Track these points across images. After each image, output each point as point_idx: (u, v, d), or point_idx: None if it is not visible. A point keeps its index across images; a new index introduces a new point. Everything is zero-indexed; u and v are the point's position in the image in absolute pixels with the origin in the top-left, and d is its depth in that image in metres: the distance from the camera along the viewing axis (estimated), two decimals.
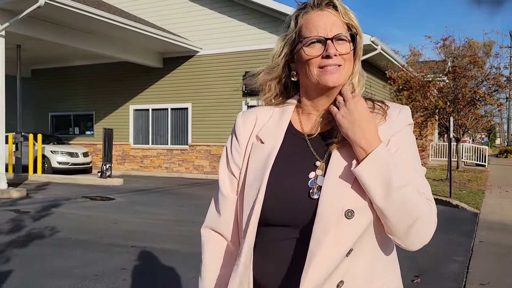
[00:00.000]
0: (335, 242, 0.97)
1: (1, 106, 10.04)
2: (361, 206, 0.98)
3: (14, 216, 7.11)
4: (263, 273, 1.06)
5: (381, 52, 12.91)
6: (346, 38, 1.03)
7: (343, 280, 0.98)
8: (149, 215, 7.47)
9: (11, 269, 4.31)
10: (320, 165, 1.03)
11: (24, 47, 13.91)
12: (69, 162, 14.63)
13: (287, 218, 1.02)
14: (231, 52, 14.21)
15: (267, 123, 1.12)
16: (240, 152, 1.13)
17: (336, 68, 1.01)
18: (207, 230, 1.18)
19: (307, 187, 1.01)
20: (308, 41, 1.02)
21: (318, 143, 1.07)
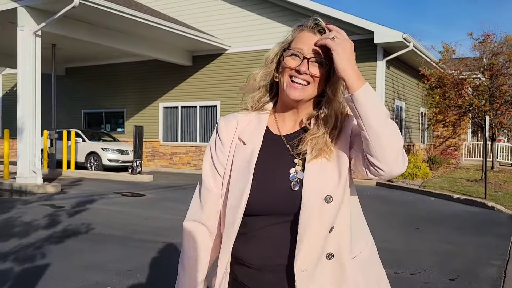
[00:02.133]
0: (319, 223, 1.14)
1: (38, 103, 10.35)
2: (337, 190, 1.16)
3: (51, 211, 7.33)
4: (254, 256, 1.20)
5: (413, 49, 12.63)
6: (321, 63, 1.16)
7: (332, 252, 1.16)
8: (178, 211, 7.55)
9: (50, 263, 4.44)
10: (298, 162, 1.19)
11: (59, 46, 14.31)
12: (119, 160, 14.67)
13: (271, 208, 1.17)
14: (259, 50, 14.18)
15: (247, 126, 1.27)
16: (224, 152, 1.26)
17: (302, 86, 1.16)
18: (190, 223, 1.29)
19: (288, 180, 1.18)
20: (291, 52, 1.18)
21: (294, 143, 1.22)
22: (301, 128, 1.25)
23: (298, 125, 1.26)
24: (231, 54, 14.96)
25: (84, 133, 15.52)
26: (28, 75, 10.18)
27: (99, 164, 14.64)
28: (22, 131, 10.24)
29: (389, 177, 1.12)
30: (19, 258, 4.58)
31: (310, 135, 1.20)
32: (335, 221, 1.17)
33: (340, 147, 1.20)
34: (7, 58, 15.98)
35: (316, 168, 1.17)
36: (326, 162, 1.18)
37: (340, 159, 1.19)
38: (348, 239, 1.19)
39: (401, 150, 1.10)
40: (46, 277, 4.01)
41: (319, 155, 1.18)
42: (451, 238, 5.87)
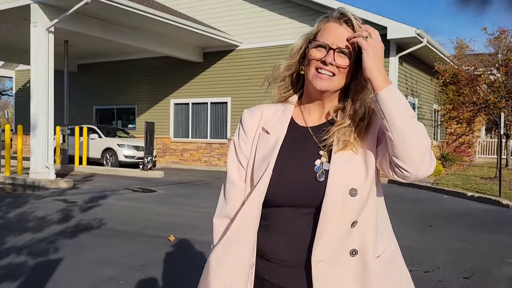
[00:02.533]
0: (341, 216, 1.12)
1: (50, 99, 10.44)
2: (362, 184, 1.14)
3: (63, 206, 7.39)
4: (272, 247, 1.19)
5: (427, 45, 12.48)
6: (347, 53, 1.14)
7: (356, 249, 1.14)
8: (190, 207, 7.58)
9: (63, 257, 4.47)
10: (323, 154, 1.18)
11: (71, 43, 14.41)
12: (135, 156, 14.54)
13: (294, 199, 1.15)
14: (271, 46, 14.14)
15: (272, 117, 1.27)
16: (247, 143, 1.26)
17: (328, 76, 1.15)
18: (218, 219, 1.30)
19: (313, 172, 1.16)
20: (316, 43, 1.17)
21: (320, 134, 1.21)
22: (328, 120, 1.23)
23: (324, 117, 1.24)
24: (242, 51, 14.92)
25: (100, 129, 15.49)
26: (41, 71, 10.26)
27: (115, 160, 14.60)
28: (35, 127, 10.34)
29: (415, 179, 1.10)
30: (32, 252, 4.62)
31: (337, 126, 1.18)
32: (359, 216, 1.15)
33: (368, 142, 1.18)
34: (20, 55, 16.14)
35: (343, 160, 1.15)
36: (352, 154, 1.16)
37: (367, 154, 1.17)
38: (373, 237, 1.17)
39: (427, 151, 1.08)
40: (60, 271, 4.04)
41: (346, 146, 1.16)
42: (465, 236, 5.79)
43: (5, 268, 4.08)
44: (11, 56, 16.61)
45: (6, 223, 5.98)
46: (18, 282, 3.72)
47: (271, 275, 1.20)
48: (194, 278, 3.95)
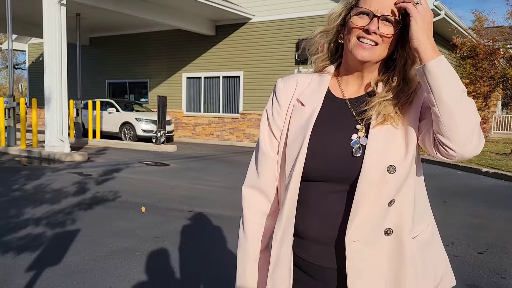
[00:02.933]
0: (378, 194, 1.07)
1: (64, 73, 10.46)
2: (402, 161, 1.08)
3: (79, 179, 7.50)
4: (306, 225, 1.15)
5: (445, 18, 12.15)
6: (392, 22, 1.07)
7: (391, 228, 1.09)
8: (203, 181, 7.63)
9: (80, 228, 4.56)
10: (361, 128, 1.12)
11: (83, 16, 14.33)
12: (153, 130, 14.13)
13: (330, 174, 1.11)
14: (284, 19, 13.91)
15: (307, 88, 1.20)
16: (281, 114, 1.21)
17: (371, 46, 1.08)
18: (248, 188, 1.27)
19: (349, 146, 1.10)
20: (358, 11, 1.09)
21: (357, 107, 1.14)
22: (366, 93, 1.17)
23: (363, 90, 1.17)
24: (255, 24, 14.70)
25: (118, 103, 15.30)
26: (54, 45, 10.25)
27: (133, 135, 14.43)
28: (50, 101, 10.41)
29: (461, 159, 1.04)
30: (50, 223, 4.71)
31: (378, 99, 1.11)
32: (397, 195, 1.09)
33: (410, 116, 1.10)
34: (33, 28, 16.12)
35: (381, 135, 1.09)
36: (392, 130, 1.09)
37: (408, 129, 1.10)
38: (410, 216, 1.11)
39: (476, 129, 1.01)
40: (78, 242, 4.12)
41: (385, 121, 1.10)
42: (479, 212, 5.76)
43: (24, 239, 4.17)
44: (24, 29, 16.59)
45: (24, 195, 6.10)
46: (37, 252, 3.81)
47: (305, 252, 1.17)
48: (208, 251, 4.01)
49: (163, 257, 3.80)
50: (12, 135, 11.41)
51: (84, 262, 3.61)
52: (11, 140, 11.39)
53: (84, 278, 3.30)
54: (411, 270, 1.10)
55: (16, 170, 8.33)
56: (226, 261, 3.73)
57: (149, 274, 3.43)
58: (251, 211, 1.27)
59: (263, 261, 1.27)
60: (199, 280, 3.34)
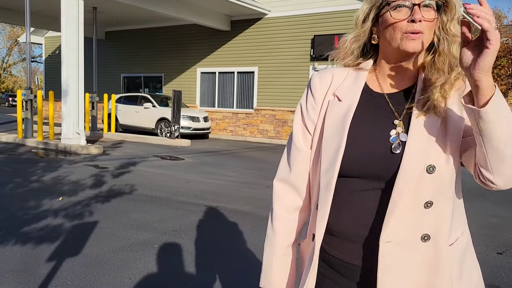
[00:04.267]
0: (415, 195, 1.03)
1: (81, 66, 10.55)
2: (442, 162, 1.03)
3: (95, 172, 7.57)
4: (338, 222, 1.12)
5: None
6: (431, 6, 1.04)
7: (429, 234, 1.05)
8: (217, 176, 7.65)
9: (98, 220, 4.61)
10: (399, 123, 1.08)
11: (99, 10, 14.42)
12: (191, 127, 13.95)
13: (367, 171, 1.07)
14: (299, 14, 13.84)
15: (344, 82, 1.17)
16: (315, 109, 1.18)
17: (418, 35, 1.04)
18: (279, 182, 1.24)
19: (388, 142, 1.07)
20: (395, 5, 1.05)
21: (396, 102, 1.11)
22: (407, 87, 1.13)
23: (403, 83, 1.14)
24: (271, 19, 14.65)
25: (154, 98, 14.76)
26: (72, 38, 10.34)
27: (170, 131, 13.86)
28: (66, 94, 10.51)
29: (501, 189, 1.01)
30: (69, 215, 4.76)
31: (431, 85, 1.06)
32: (434, 197, 1.05)
33: (455, 109, 1.06)
34: (50, 21, 16.30)
35: (422, 131, 1.05)
36: (435, 123, 1.05)
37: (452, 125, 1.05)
38: (448, 221, 1.07)
39: None
40: (96, 234, 4.16)
41: (428, 110, 1.05)
42: (497, 211, 5.68)
43: (43, 230, 4.23)
44: (41, 22, 16.77)
45: (42, 186, 6.18)
46: (57, 243, 3.86)
47: (336, 249, 1.15)
48: (224, 244, 4.02)
49: (180, 250, 3.82)
50: (29, 127, 11.56)
51: (103, 254, 3.65)
52: (28, 132, 11.55)
53: (104, 269, 3.34)
54: (446, 279, 1.07)
55: (33, 162, 8.44)
56: (242, 255, 3.74)
57: (167, 266, 3.45)
58: (281, 206, 1.25)
59: (290, 256, 1.26)
60: (216, 273, 3.36)
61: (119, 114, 14.91)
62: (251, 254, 3.78)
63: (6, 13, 15.75)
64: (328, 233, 1.14)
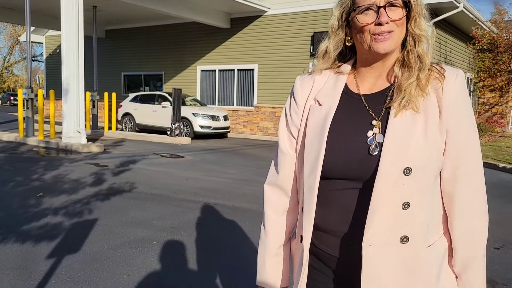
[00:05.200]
0: (393, 196, 1.05)
1: (81, 65, 10.58)
2: (419, 164, 1.04)
3: (96, 170, 7.62)
4: (324, 220, 1.15)
5: (463, 10, 11.96)
6: (398, 4, 1.06)
7: (407, 236, 1.06)
8: (217, 173, 7.69)
9: (97, 218, 4.65)
10: (376, 124, 1.09)
11: (99, 8, 14.43)
12: (211, 126, 13.57)
13: (347, 172, 1.09)
14: (299, 11, 13.83)
15: (324, 86, 1.19)
16: (298, 113, 1.21)
17: (388, 35, 1.06)
18: (269, 186, 1.29)
19: (366, 144, 1.08)
20: (361, 9, 1.07)
21: (374, 103, 1.12)
22: (386, 87, 1.14)
23: (380, 82, 1.15)
24: (270, 16, 14.65)
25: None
26: (72, 37, 10.37)
27: (190, 131, 13.47)
28: (67, 92, 10.55)
29: None
30: (69, 213, 4.80)
31: (404, 82, 1.08)
32: (412, 198, 1.06)
33: (433, 108, 1.07)
34: (50, 20, 16.32)
35: (399, 130, 1.06)
36: (413, 122, 1.06)
37: (431, 124, 1.07)
38: (424, 222, 1.08)
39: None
40: (96, 231, 4.20)
41: (407, 106, 1.06)
42: (495, 207, 5.70)
43: (43, 228, 4.27)
44: (42, 21, 16.80)
45: (42, 185, 6.22)
46: (56, 241, 3.90)
47: (324, 244, 1.18)
48: (223, 241, 4.05)
49: (179, 247, 3.86)
50: (30, 126, 11.61)
51: (103, 251, 3.69)
52: (29, 131, 11.59)
53: (103, 266, 3.38)
54: (426, 281, 1.09)
55: (34, 161, 8.49)
56: (240, 251, 3.78)
57: (166, 263, 3.49)
58: (271, 207, 1.29)
59: (281, 256, 1.30)
60: (215, 270, 3.39)
61: (135, 113, 14.56)
62: (250, 251, 3.81)
63: (6, 12, 15.78)
64: (316, 229, 1.18)
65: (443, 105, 1.07)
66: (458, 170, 1.09)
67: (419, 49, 1.09)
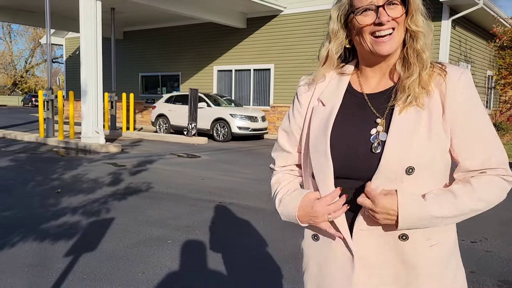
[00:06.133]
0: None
1: (99, 66, 10.75)
2: (422, 164, 1.03)
3: (113, 170, 7.73)
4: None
5: (483, 7, 11.73)
6: (397, 2, 1.04)
7: (406, 234, 1.05)
8: (233, 173, 7.71)
9: (114, 217, 4.72)
10: (381, 122, 1.08)
11: (117, 10, 14.62)
12: (249, 127, 13.12)
13: (349, 171, 1.08)
14: (316, 10, 13.77)
15: (327, 86, 1.19)
16: (301, 113, 1.22)
17: (389, 36, 1.05)
18: (273, 176, 1.32)
19: (368, 142, 1.07)
20: (360, 10, 1.06)
21: (378, 102, 1.11)
22: (390, 86, 1.13)
23: (383, 81, 1.15)
24: (286, 16, 14.63)
25: (208, 97, 13.94)
26: (90, 39, 10.54)
27: (227, 132, 13.02)
28: (86, 93, 10.73)
29: None
30: (86, 212, 4.89)
31: (407, 80, 1.07)
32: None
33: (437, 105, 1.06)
34: (70, 22, 16.62)
35: (403, 130, 1.05)
36: (415, 120, 1.05)
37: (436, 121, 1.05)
38: None
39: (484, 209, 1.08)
40: (112, 230, 4.27)
41: (410, 103, 1.06)
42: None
43: (61, 227, 4.35)
44: (61, 24, 17.11)
45: (62, 184, 6.34)
46: (72, 240, 3.97)
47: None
48: (237, 240, 4.07)
49: (193, 246, 3.89)
50: (51, 127, 11.84)
51: (118, 249, 3.74)
52: (50, 132, 11.83)
53: (118, 264, 3.43)
54: (426, 280, 1.08)
55: (54, 161, 8.66)
56: (255, 251, 3.79)
57: (180, 262, 3.52)
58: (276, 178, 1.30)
59: None
60: (229, 269, 3.41)
61: (169, 114, 14.26)
62: (264, 250, 3.82)
63: (27, 16, 16.12)
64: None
65: (447, 103, 1.06)
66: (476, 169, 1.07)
67: (417, 45, 1.08)
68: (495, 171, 1.05)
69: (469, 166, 1.06)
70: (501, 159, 1.05)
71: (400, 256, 1.08)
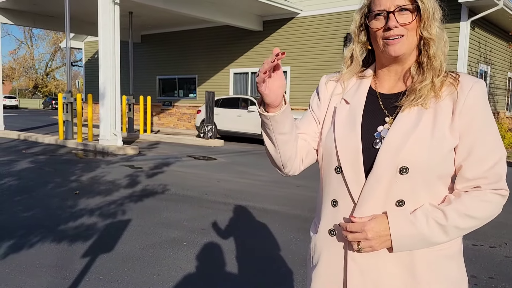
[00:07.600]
0: (387, 192, 1.05)
1: (117, 69, 10.89)
2: (417, 164, 1.03)
3: (131, 172, 7.81)
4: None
5: (503, 8, 11.52)
6: (408, 9, 1.07)
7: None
8: (249, 175, 7.72)
9: (130, 219, 4.77)
10: (389, 121, 1.12)
11: (135, 14, 14.81)
12: None
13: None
14: (332, 13, 13.72)
15: (350, 88, 1.22)
16: (320, 107, 1.25)
17: (398, 39, 1.08)
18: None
19: (373, 137, 1.11)
20: (373, 15, 1.11)
21: (389, 102, 1.15)
22: (402, 90, 1.15)
23: (398, 85, 1.18)
24: (303, 18, 14.61)
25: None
26: (108, 42, 10.70)
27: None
28: (104, 96, 10.88)
29: None
30: (103, 214, 4.95)
31: (418, 84, 1.10)
32: (407, 196, 1.06)
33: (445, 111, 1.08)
34: (89, 26, 16.87)
35: (403, 127, 1.08)
36: (418, 119, 1.07)
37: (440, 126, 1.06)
38: None
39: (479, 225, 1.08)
40: (128, 232, 4.31)
41: (419, 102, 1.08)
42: None
43: (78, 228, 4.42)
44: (80, 28, 17.40)
45: (79, 186, 6.44)
46: (89, 241, 4.03)
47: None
48: (252, 243, 4.07)
49: (209, 248, 3.90)
50: (70, 129, 12.05)
51: (135, 251, 3.78)
52: (69, 134, 12.03)
53: (134, 265, 3.46)
54: (423, 285, 1.08)
55: (73, 162, 8.80)
56: (270, 254, 3.78)
57: (196, 264, 3.54)
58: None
59: None
60: (243, 272, 3.41)
61: (216, 119, 13.60)
62: (279, 253, 3.81)
63: (48, 20, 16.43)
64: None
65: (457, 109, 1.07)
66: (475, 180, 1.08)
67: (429, 52, 1.10)
68: (491, 185, 1.06)
69: (468, 175, 1.06)
70: (500, 172, 1.06)
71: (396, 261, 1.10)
